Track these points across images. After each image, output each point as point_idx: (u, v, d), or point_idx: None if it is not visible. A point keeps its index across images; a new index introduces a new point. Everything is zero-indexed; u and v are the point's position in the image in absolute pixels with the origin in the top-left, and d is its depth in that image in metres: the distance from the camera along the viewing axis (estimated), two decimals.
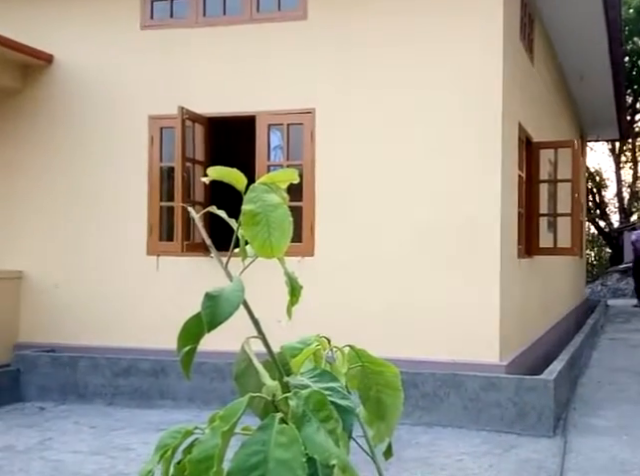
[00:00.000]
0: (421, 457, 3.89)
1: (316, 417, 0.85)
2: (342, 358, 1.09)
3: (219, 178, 1.00)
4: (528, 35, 6.28)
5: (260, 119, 5.35)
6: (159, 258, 5.53)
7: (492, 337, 4.86)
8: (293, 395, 0.86)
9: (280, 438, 0.81)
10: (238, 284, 0.95)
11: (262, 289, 3.71)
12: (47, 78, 5.88)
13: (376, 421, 1.10)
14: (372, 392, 1.10)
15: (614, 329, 10.31)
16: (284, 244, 0.95)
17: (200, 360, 4.79)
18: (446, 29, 5.08)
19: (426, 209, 5.05)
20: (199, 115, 5.43)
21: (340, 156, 5.22)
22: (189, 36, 5.63)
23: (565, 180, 6.69)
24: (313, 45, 5.34)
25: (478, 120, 4.98)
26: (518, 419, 4.47)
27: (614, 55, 8.09)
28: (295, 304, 1.06)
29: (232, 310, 0.92)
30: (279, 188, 1.06)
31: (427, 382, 4.62)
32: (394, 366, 1.07)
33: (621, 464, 3.86)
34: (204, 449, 0.85)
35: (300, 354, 1.07)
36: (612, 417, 4.93)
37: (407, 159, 5.12)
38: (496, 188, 4.96)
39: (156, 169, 5.59)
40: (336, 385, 0.93)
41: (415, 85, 5.11)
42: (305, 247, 5.20)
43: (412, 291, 5.03)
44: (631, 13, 18.22)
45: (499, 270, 4.92)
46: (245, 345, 0.99)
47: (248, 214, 0.96)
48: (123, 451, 4.05)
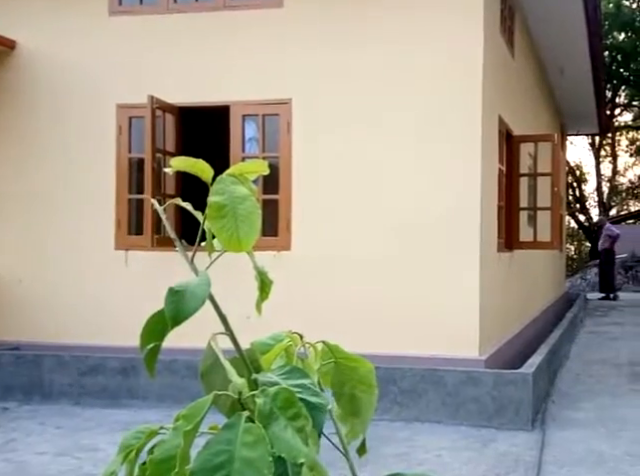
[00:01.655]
0: (399, 453, 3.92)
1: (284, 415, 0.84)
2: (315, 354, 1.08)
3: (183, 169, 0.99)
4: (509, 28, 6.33)
5: (234, 109, 5.30)
6: (128, 253, 5.47)
7: (471, 332, 4.92)
8: (260, 393, 0.86)
9: (246, 437, 0.80)
10: (204, 278, 0.93)
11: (232, 284, 3.69)
12: (9, 65, 5.76)
13: (350, 418, 1.10)
14: (346, 388, 1.10)
15: (593, 322, 10.51)
16: (252, 238, 0.94)
17: (171, 357, 4.76)
18: (426, 21, 5.10)
19: (405, 203, 5.07)
20: (170, 104, 5.37)
21: (318, 148, 5.20)
22: (159, 23, 5.55)
23: (545, 174, 6.78)
24: (289, 34, 5.31)
25: (458, 113, 5.01)
26: (497, 413, 4.54)
27: (594, 50, 8.20)
28: (265, 299, 1.05)
29: (197, 305, 0.91)
30: (247, 180, 1.04)
31: (406, 378, 4.66)
32: (369, 362, 1.07)
33: (598, 456, 3.95)
34: (166, 449, 0.84)
35: (271, 351, 1.07)
36: (590, 409, 5.03)
37: (386, 152, 5.13)
38: (476, 181, 5.00)
39: (124, 160, 5.52)
40: (307, 382, 0.92)
41: (395, 78, 5.11)
42: (281, 241, 5.19)
43: (391, 286, 5.05)
44: (611, 8, 18.51)
45: (479, 264, 4.97)
46: (211, 341, 0.98)
47: (214, 206, 0.94)
48: (90, 452, 4.02)
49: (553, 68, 8.95)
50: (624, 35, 19.89)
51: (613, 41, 19.58)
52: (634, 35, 19.46)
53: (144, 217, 5.36)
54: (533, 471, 3.68)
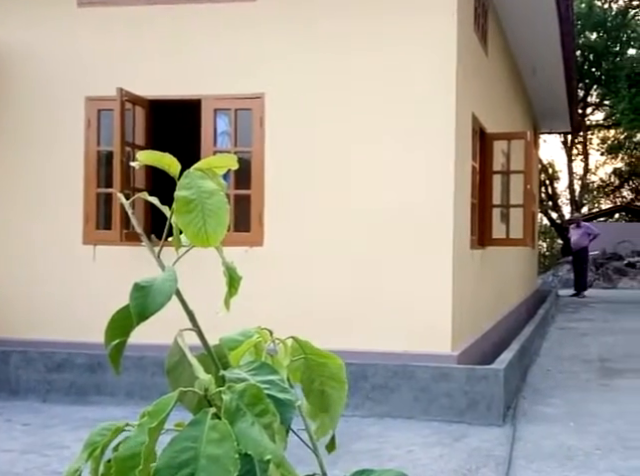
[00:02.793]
0: (371, 449, 3.95)
1: (251, 411, 0.84)
2: (284, 350, 1.08)
3: (150, 163, 0.98)
4: (482, 26, 6.39)
5: (206, 103, 5.26)
6: (96, 247, 5.40)
7: (444, 328, 4.97)
8: (227, 389, 0.86)
9: (212, 434, 0.80)
10: (170, 274, 0.93)
11: (202, 279, 3.67)
12: None
13: (320, 414, 1.10)
14: (315, 384, 1.10)
15: (564, 319, 10.72)
16: (220, 233, 0.94)
17: (140, 354, 4.72)
18: (400, 17, 5.11)
19: (378, 199, 5.09)
20: (140, 97, 5.30)
21: (290, 143, 5.19)
22: (130, 14, 5.47)
23: (518, 171, 6.87)
24: (262, 27, 5.28)
25: (432, 110, 5.04)
26: (468, 409, 4.60)
27: (566, 49, 8.34)
28: (234, 295, 1.05)
29: (163, 301, 0.90)
30: (216, 174, 1.04)
31: (378, 373, 4.68)
32: (338, 358, 1.07)
33: (567, 450, 4.03)
34: (131, 446, 0.83)
35: (240, 347, 1.06)
36: (560, 405, 5.13)
37: (359, 148, 5.14)
38: (449, 178, 5.05)
39: (93, 154, 5.44)
40: (275, 378, 0.92)
41: (368, 74, 5.12)
42: (253, 237, 5.17)
43: (364, 282, 5.07)
44: (583, 8, 18.84)
45: (451, 261, 5.02)
46: (178, 337, 0.98)
47: (181, 201, 0.94)
48: (57, 449, 3.97)
49: (526, 67, 9.07)
50: (596, 35, 20.28)
51: (585, 41, 19.94)
52: (606, 35, 19.86)
53: (113, 211, 5.29)
54: (504, 466, 3.74)
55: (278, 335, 1.05)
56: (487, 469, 3.69)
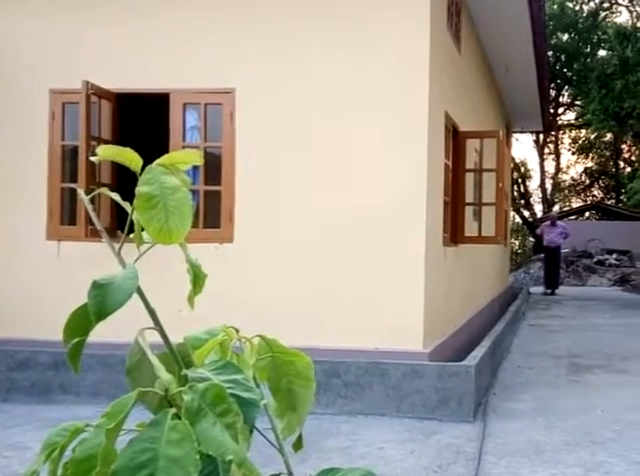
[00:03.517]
0: (341, 446, 3.95)
1: (213, 411, 0.84)
2: (250, 349, 1.08)
3: (110, 158, 0.96)
4: (455, 24, 6.44)
5: (174, 97, 5.20)
6: (60, 243, 5.31)
7: (416, 325, 5.01)
8: (188, 389, 0.85)
9: (172, 435, 0.80)
10: (131, 271, 0.91)
11: (168, 277, 3.63)
12: None
13: (287, 413, 1.10)
14: (283, 383, 1.10)
15: (535, 315, 10.91)
16: (184, 229, 0.93)
17: (106, 352, 4.64)
18: (373, 13, 5.12)
19: (351, 196, 5.10)
20: (106, 90, 5.22)
21: (262, 138, 5.16)
22: (96, 3, 5.37)
23: (490, 170, 6.95)
24: (235, 21, 5.23)
25: (404, 107, 5.06)
26: (440, 405, 4.65)
27: (538, 49, 8.46)
28: (198, 293, 1.04)
29: (123, 300, 0.89)
30: (180, 170, 1.02)
31: (350, 371, 4.70)
32: (306, 356, 1.07)
33: (536, 446, 4.10)
34: (88, 448, 0.82)
35: (204, 345, 1.05)
36: (529, 401, 5.22)
37: (332, 144, 5.14)
38: (422, 176, 5.08)
39: (57, 148, 5.35)
40: (240, 377, 0.92)
41: (340, 71, 5.11)
42: (223, 233, 5.14)
43: (336, 279, 5.08)
44: (555, 9, 19.16)
45: (424, 258, 5.06)
46: (139, 336, 0.96)
47: (143, 197, 0.93)
48: (19, 450, 3.90)
49: (499, 66, 9.19)
50: (567, 36, 20.64)
51: (557, 41, 20.29)
52: (577, 36, 20.23)
53: (78, 207, 5.20)
54: (473, 462, 3.79)
55: (248, 333, 1.04)
56: (457, 465, 3.74)
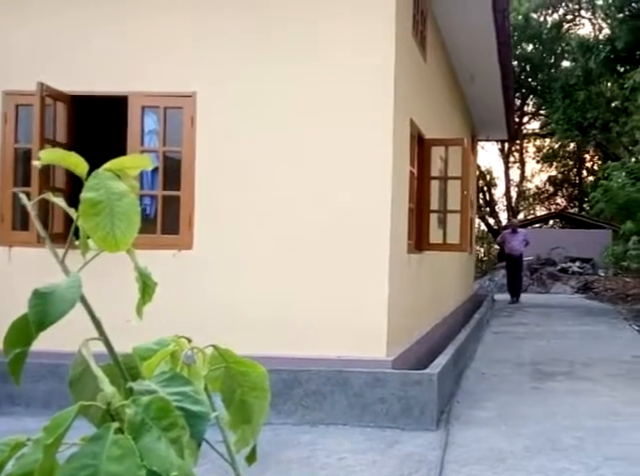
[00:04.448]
0: (302, 457, 3.92)
1: (158, 425, 0.83)
2: (202, 359, 1.06)
3: (54, 162, 0.95)
4: (421, 32, 6.53)
5: (133, 100, 5.14)
6: (12, 249, 5.19)
7: (379, 333, 5.03)
8: (131, 402, 0.83)
9: (113, 450, 0.78)
10: (74, 280, 0.90)
11: (121, 285, 3.56)
12: None
13: (241, 425, 1.09)
14: (237, 394, 1.09)
15: (499, 323, 11.09)
16: (130, 237, 0.92)
17: (57, 362, 4.52)
18: (338, 18, 5.15)
19: (314, 202, 5.10)
20: (61, 92, 5.14)
21: (223, 144, 5.13)
22: (51, 3, 5.27)
23: (455, 177, 7.05)
24: (197, 24, 5.20)
25: (369, 115, 5.10)
26: (402, 414, 4.67)
27: (503, 58, 8.65)
28: (148, 302, 1.03)
29: (66, 309, 0.87)
30: (128, 175, 1.01)
31: (311, 380, 4.68)
32: (261, 366, 1.06)
33: (498, 453, 4.16)
34: (25, 464, 0.80)
35: (154, 356, 1.04)
36: (493, 408, 5.30)
37: (295, 150, 5.14)
38: (387, 183, 5.12)
39: (10, 151, 5.24)
40: (188, 389, 0.91)
41: (304, 78, 5.12)
42: (182, 240, 5.08)
43: (298, 286, 5.07)
44: (520, 19, 19.63)
45: (388, 265, 5.09)
46: (82, 347, 0.95)
47: (88, 203, 0.91)
48: None
49: (465, 74, 9.36)
50: (532, 47, 21.18)
51: (522, 52, 20.79)
52: (541, 47, 20.77)
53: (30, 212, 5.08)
54: (435, 471, 3.82)
55: (206, 342, 1.03)
56: (419, 475, 3.76)
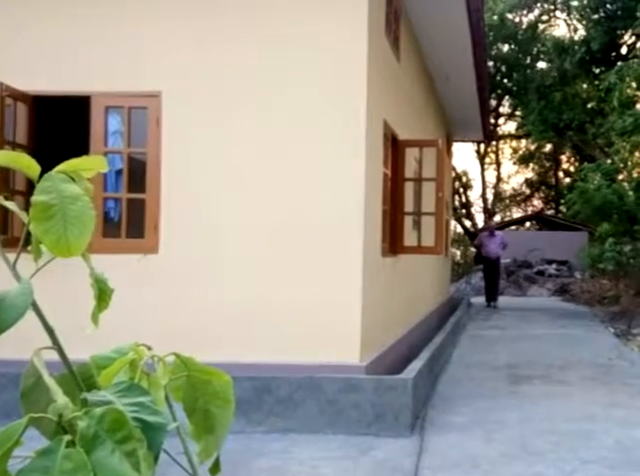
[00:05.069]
0: (273, 466, 3.90)
1: (112, 438, 0.82)
2: (163, 368, 1.05)
3: (5, 164, 0.93)
4: (394, 32, 6.57)
5: (96, 100, 5.09)
6: None
7: (352, 337, 5.03)
8: (84, 414, 0.82)
9: (65, 464, 0.77)
10: (25, 287, 0.88)
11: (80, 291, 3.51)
12: None
13: (204, 435, 1.08)
14: (200, 404, 1.08)
15: (475, 326, 11.20)
16: (84, 241, 0.91)
17: (18, 370, 4.41)
18: (309, 17, 5.15)
19: (285, 205, 5.09)
20: (22, 92, 5.07)
21: (190, 145, 5.09)
22: (10, 2, 5.18)
23: (430, 179, 7.10)
24: (162, 21, 5.15)
25: (342, 116, 5.10)
26: (376, 420, 4.68)
27: (477, 59, 8.75)
28: (104, 309, 1.02)
29: (17, 317, 0.86)
30: (82, 178, 1.00)
31: (282, 387, 4.66)
32: (225, 374, 1.06)
33: (473, 459, 4.19)
34: None
35: (112, 365, 1.02)
36: (468, 413, 5.34)
37: (265, 152, 5.11)
38: (360, 185, 5.13)
39: None
40: (146, 399, 0.90)
41: (275, 78, 5.10)
42: (147, 243, 5.03)
43: (268, 290, 5.04)
44: (495, 20, 19.89)
45: (361, 269, 5.10)
46: (34, 357, 0.93)
47: (39, 206, 0.90)
48: None
49: (439, 74, 9.45)
50: (507, 47, 21.48)
51: (497, 52, 21.07)
52: (517, 47, 21.07)
53: None
54: None
55: (170, 350, 1.02)
56: None
